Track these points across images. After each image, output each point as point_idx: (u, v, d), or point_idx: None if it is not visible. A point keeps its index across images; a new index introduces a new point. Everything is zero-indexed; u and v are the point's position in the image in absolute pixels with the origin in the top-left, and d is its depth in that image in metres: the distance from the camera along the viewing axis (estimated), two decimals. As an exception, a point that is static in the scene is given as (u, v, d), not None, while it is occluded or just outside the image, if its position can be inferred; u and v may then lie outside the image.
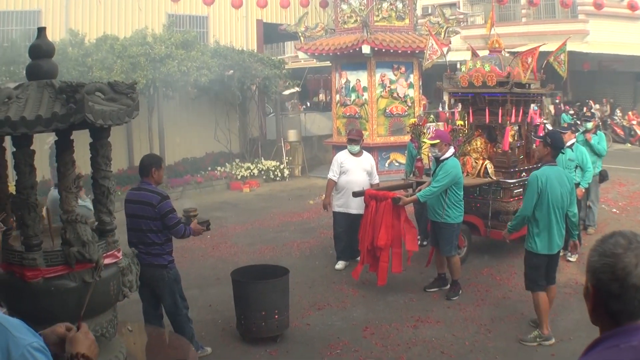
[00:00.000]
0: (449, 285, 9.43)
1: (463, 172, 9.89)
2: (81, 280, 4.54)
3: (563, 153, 8.66)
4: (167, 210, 6.87)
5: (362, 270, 9.54)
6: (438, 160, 9.20)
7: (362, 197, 9.87)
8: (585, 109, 27.53)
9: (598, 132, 12.25)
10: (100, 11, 21.59)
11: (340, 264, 10.73)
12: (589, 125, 12.23)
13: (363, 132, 19.39)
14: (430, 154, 9.69)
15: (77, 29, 18.60)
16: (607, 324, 2.26)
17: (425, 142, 10.05)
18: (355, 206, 10.26)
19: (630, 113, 28.19)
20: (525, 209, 7.53)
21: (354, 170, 10.56)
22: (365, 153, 10.92)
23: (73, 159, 4.80)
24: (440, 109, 25.05)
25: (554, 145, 7.60)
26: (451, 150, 9.31)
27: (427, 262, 9.82)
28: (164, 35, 18.30)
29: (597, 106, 28.66)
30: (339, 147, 15.08)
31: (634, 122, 27.69)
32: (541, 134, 8.48)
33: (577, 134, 11.83)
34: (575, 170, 10.86)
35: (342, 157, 10.77)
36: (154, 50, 17.38)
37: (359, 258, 10.02)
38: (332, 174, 10.76)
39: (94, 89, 4.56)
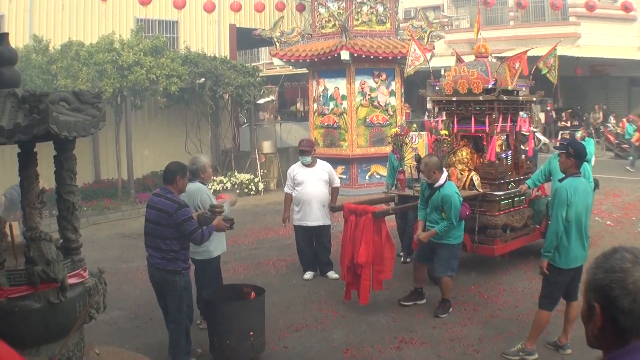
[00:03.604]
0: (424, 300, 9.48)
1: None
2: (46, 300, 4.56)
3: (588, 162, 8.68)
4: (184, 219, 7.19)
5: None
6: (432, 187, 9.18)
7: (323, 209, 10.76)
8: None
9: (586, 138, 12.56)
10: (66, 16, 21.51)
11: (308, 274, 11.12)
12: (578, 134, 12.54)
13: (342, 142, 19.61)
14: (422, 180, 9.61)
15: (41, 34, 18.61)
16: (611, 344, 2.29)
17: (407, 155, 10.12)
18: (313, 217, 10.80)
19: (624, 120, 28.35)
20: (558, 224, 7.36)
21: (308, 182, 10.87)
22: (319, 162, 11.20)
23: (37, 173, 4.84)
24: (426, 117, 25.14)
25: (577, 155, 7.58)
26: (444, 174, 9.23)
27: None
28: (132, 41, 18.29)
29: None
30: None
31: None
32: (562, 145, 8.44)
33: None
34: None
35: (295, 170, 11.11)
36: (121, 57, 17.39)
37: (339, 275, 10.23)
38: (287, 188, 11.26)
39: (59, 98, 4.60)
